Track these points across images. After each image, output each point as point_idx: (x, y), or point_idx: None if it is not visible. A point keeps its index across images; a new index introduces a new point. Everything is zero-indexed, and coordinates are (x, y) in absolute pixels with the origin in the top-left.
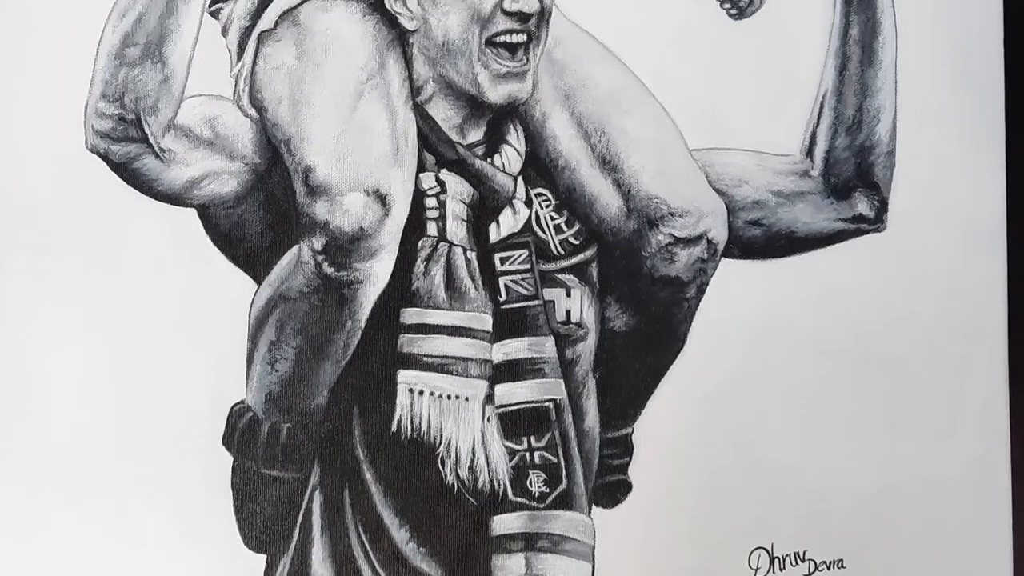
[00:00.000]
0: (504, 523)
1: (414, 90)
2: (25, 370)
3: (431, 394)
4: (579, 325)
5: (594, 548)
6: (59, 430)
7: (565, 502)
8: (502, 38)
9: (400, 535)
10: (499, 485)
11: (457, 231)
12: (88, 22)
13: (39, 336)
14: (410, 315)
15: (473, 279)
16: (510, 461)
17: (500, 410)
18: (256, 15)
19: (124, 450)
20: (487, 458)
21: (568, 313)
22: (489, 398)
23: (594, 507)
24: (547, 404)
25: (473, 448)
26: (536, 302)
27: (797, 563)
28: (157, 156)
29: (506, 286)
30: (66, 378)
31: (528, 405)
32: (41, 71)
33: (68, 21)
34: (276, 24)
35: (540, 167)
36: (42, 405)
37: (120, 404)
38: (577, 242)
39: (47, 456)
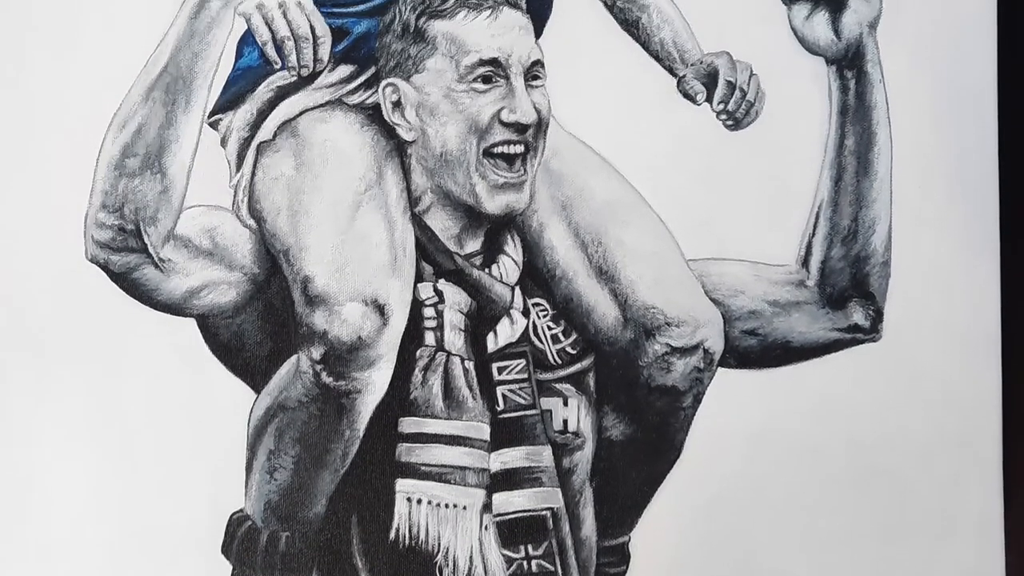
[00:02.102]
0: None
1: (412, 200)
2: (26, 476)
3: (429, 503)
4: (576, 434)
5: None
6: (59, 536)
7: None
8: (500, 149)
9: None
10: None
11: (455, 341)
12: (88, 132)
13: (40, 443)
14: (408, 424)
15: (471, 388)
16: (508, 569)
17: (498, 519)
18: (255, 126)
19: (124, 558)
20: (485, 567)
21: (565, 422)
22: (487, 507)
23: None
24: (544, 513)
25: (471, 557)
26: (533, 411)
27: None
28: (156, 266)
29: (503, 395)
30: (67, 485)
31: (525, 514)
32: (41, 181)
33: (68, 131)
34: (275, 135)
35: (537, 277)
36: (43, 511)
37: (120, 512)
38: (574, 352)
39: (47, 561)
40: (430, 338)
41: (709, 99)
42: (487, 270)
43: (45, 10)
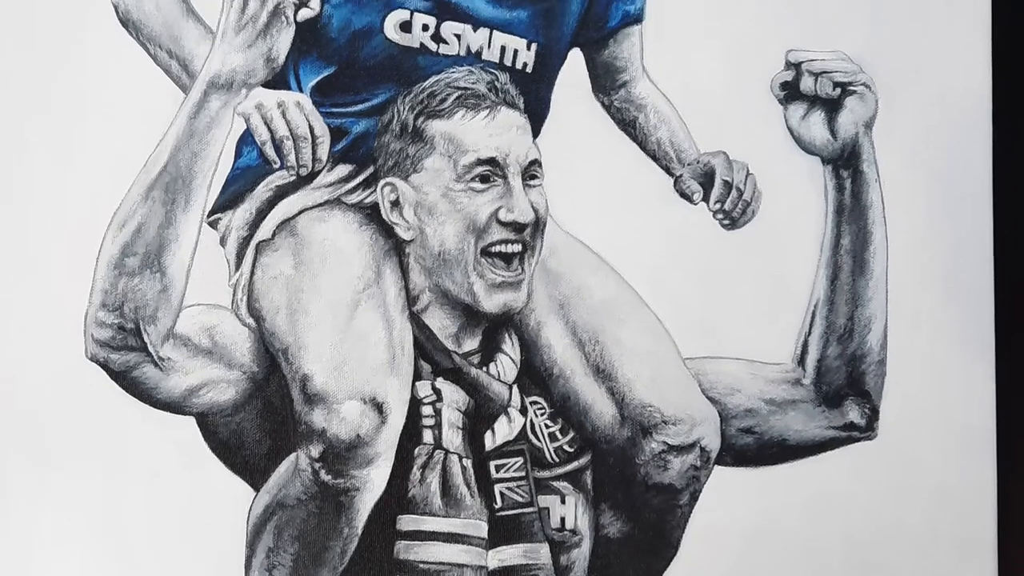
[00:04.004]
0: None
1: (410, 299)
2: (25, 572)
3: None
4: (573, 532)
5: None
6: None
7: None
8: (497, 248)
9: None
10: None
11: (453, 439)
12: (88, 232)
13: (39, 542)
14: (406, 522)
15: (469, 486)
16: None
17: None
18: (254, 225)
19: None
20: None
21: (563, 520)
22: None
23: None
24: None
25: None
26: (531, 509)
27: None
28: (156, 365)
29: (501, 493)
30: None
31: None
32: (41, 280)
33: (68, 230)
34: (274, 234)
35: (535, 375)
36: None
37: None
38: (571, 450)
39: None
40: (428, 436)
41: (706, 198)
42: (485, 368)
43: (45, 109)
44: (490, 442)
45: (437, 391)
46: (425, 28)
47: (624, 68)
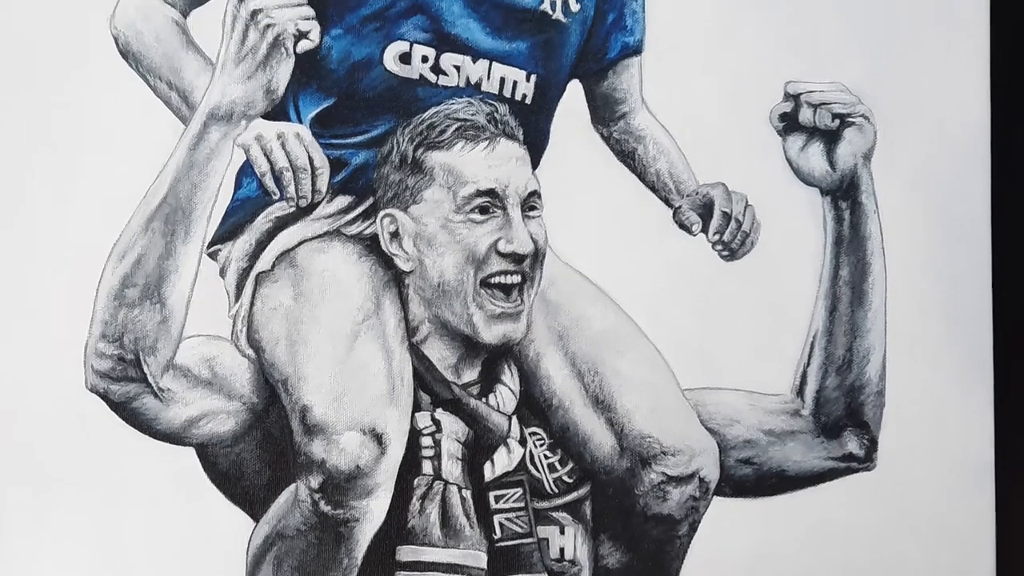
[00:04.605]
0: None
1: (410, 330)
2: None
3: None
4: (573, 562)
5: None
6: None
7: None
8: (497, 279)
9: None
10: None
11: (452, 470)
12: (88, 263)
13: (39, 571)
14: (406, 552)
15: (468, 517)
16: None
17: None
18: (253, 256)
19: None
20: None
21: (562, 551)
22: None
23: None
24: None
25: None
26: (530, 540)
27: None
28: (156, 396)
29: (500, 524)
30: None
31: None
32: (41, 311)
33: (68, 261)
34: (273, 265)
35: (534, 406)
36: None
37: None
38: (571, 480)
39: None
40: (427, 467)
41: (705, 230)
42: (484, 399)
43: (46, 140)
44: (489, 473)
45: (436, 422)
46: (424, 60)
47: (623, 99)
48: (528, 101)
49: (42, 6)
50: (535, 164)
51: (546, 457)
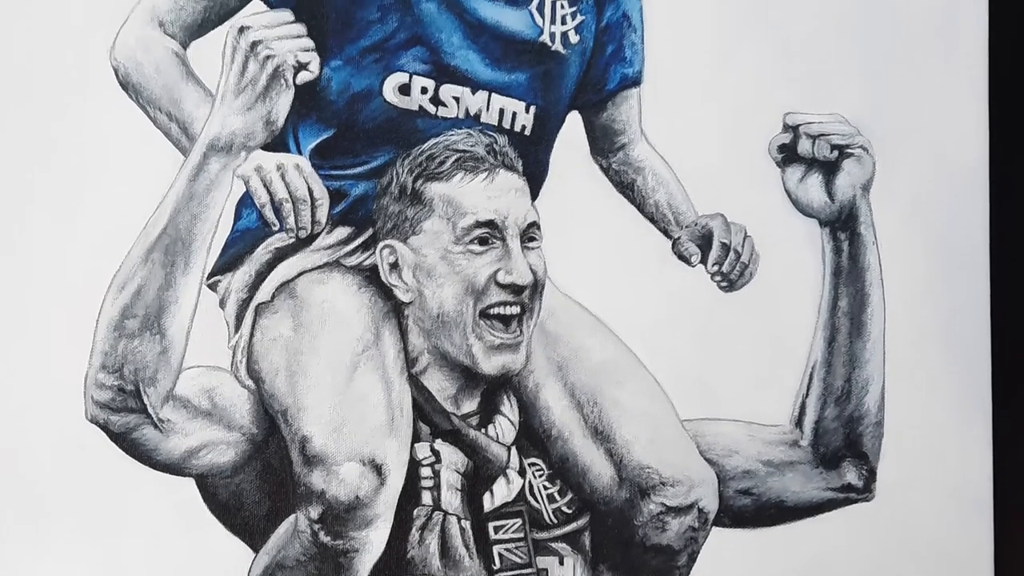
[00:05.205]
0: None
1: (409, 361)
2: None
3: None
4: None
5: None
6: None
7: None
8: (496, 310)
9: None
10: None
11: (452, 500)
12: (88, 293)
13: None
14: None
15: (467, 548)
16: None
17: None
18: (253, 287)
19: None
20: None
21: None
22: None
23: None
24: None
25: None
26: (530, 570)
27: None
28: (156, 426)
29: (500, 555)
30: None
31: None
32: (41, 342)
33: (68, 292)
34: (273, 296)
35: (533, 437)
36: None
37: None
38: (570, 511)
39: None
40: (427, 497)
41: (704, 261)
42: (484, 430)
43: (46, 171)
44: (489, 503)
45: (436, 452)
46: (424, 91)
47: (622, 131)
48: (527, 132)
49: (43, 37)
50: (534, 195)
51: (545, 488)
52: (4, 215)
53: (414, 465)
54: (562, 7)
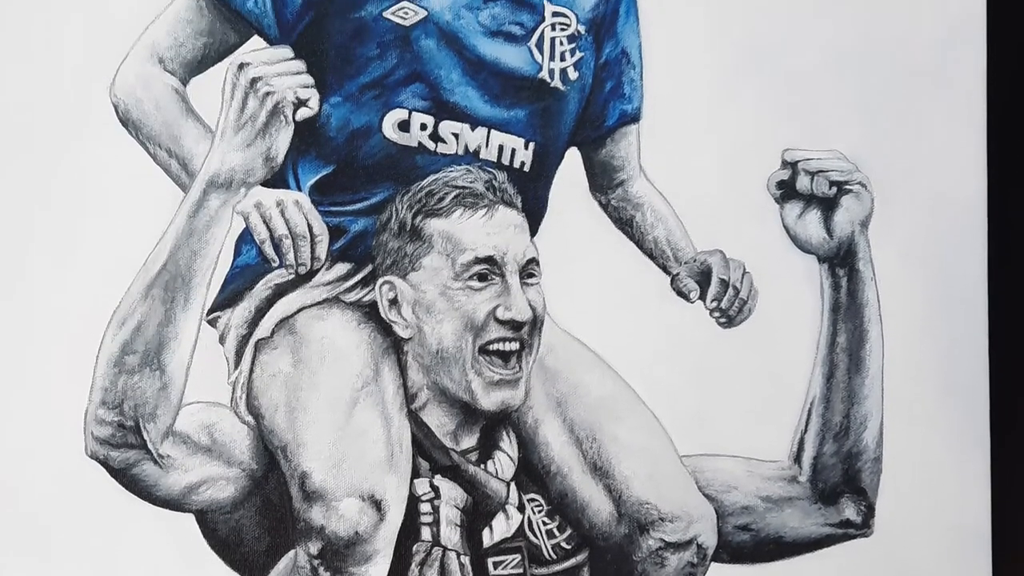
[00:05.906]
0: None
1: (408, 397)
2: None
3: None
4: None
5: None
6: None
7: None
8: (495, 346)
9: None
10: None
11: (451, 536)
12: (88, 330)
13: None
14: None
15: None
16: None
17: None
18: (253, 323)
19: None
20: None
21: None
22: None
23: None
24: None
25: None
26: None
27: None
28: (156, 462)
29: None
30: None
31: None
32: (42, 378)
33: (68, 328)
34: (273, 332)
35: (533, 473)
36: None
37: None
38: (569, 547)
39: None
40: (426, 533)
41: (702, 297)
42: (483, 466)
43: (46, 207)
44: (488, 539)
45: (435, 488)
46: (423, 127)
47: (621, 167)
48: (526, 168)
49: (43, 74)
50: (533, 231)
51: (544, 523)
52: (5, 251)
53: (413, 501)
54: (561, 44)
